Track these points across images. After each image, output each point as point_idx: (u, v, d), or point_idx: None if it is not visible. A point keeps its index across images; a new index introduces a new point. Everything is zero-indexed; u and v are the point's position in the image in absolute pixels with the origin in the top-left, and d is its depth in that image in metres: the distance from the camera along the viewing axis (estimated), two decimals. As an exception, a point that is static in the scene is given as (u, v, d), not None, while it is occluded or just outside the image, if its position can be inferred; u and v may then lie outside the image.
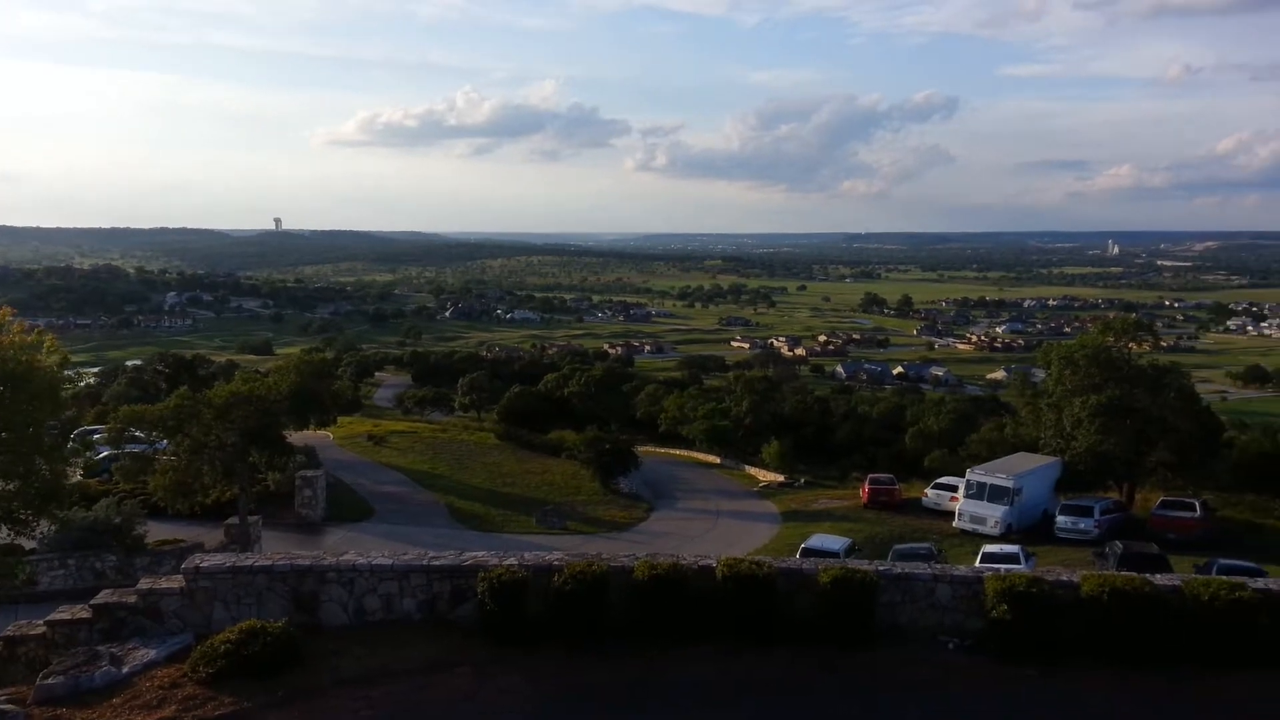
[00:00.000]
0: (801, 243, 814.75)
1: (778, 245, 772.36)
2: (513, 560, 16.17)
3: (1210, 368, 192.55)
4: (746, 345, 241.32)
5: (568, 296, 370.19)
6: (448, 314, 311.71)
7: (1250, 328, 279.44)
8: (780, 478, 58.27)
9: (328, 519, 39.86)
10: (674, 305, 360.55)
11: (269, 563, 16.05)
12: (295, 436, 45.85)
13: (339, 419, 58.57)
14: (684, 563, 16.03)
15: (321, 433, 54.04)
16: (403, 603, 15.96)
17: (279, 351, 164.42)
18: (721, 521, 45.97)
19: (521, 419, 73.23)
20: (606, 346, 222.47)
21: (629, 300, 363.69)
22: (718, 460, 66.76)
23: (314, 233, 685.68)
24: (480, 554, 16.76)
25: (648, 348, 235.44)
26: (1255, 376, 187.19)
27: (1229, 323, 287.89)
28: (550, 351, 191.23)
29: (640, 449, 59.60)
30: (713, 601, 15.52)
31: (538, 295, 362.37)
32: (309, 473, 40.37)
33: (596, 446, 52.06)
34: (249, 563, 16.08)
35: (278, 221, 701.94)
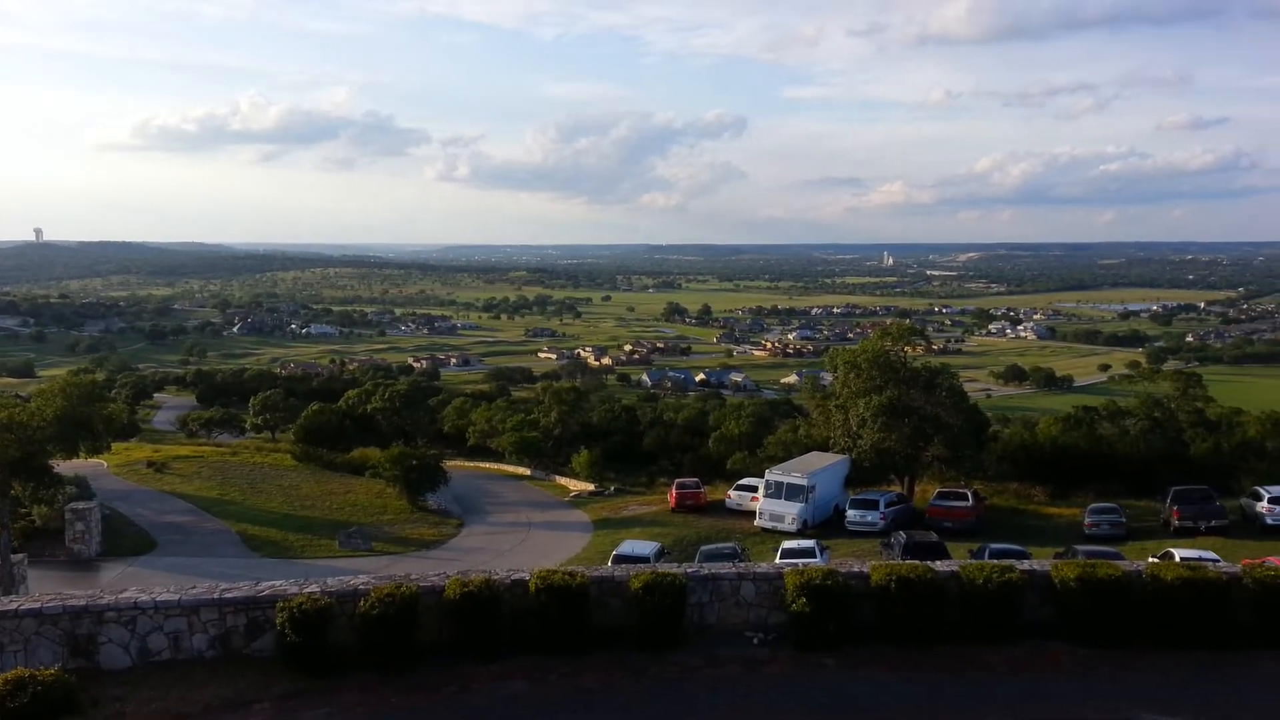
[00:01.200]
0: (605, 254, 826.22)
1: (581, 256, 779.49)
2: (314, 587, 15.51)
3: (976, 368, 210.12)
4: (554, 356, 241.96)
5: (368, 310, 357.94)
6: (236, 329, 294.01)
7: (1009, 331, 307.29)
8: (591, 486, 58.73)
9: (104, 554, 36.67)
10: (479, 317, 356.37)
11: (37, 605, 14.66)
12: (64, 466, 41.91)
13: (114, 445, 53.94)
14: (496, 578, 15.91)
15: (95, 461, 49.60)
16: (193, 640, 14.97)
17: (42, 374, 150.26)
18: (534, 533, 45.83)
19: (321, 438, 70.10)
20: (411, 360, 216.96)
21: (433, 313, 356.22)
22: (528, 472, 66.49)
23: (80, 244, 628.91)
24: (278, 583, 15.99)
25: (454, 360, 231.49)
26: (1014, 375, 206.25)
27: (990, 327, 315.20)
28: (351, 367, 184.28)
29: (449, 464, 58.46)
30: (527, 615, 15.51)
31: (335, 309, 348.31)
32: (81, 505, 37.04)
33: (402, 463, 50.59)
34: (13, 606, 14.62)
35: (38, 232, 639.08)
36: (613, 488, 58.34)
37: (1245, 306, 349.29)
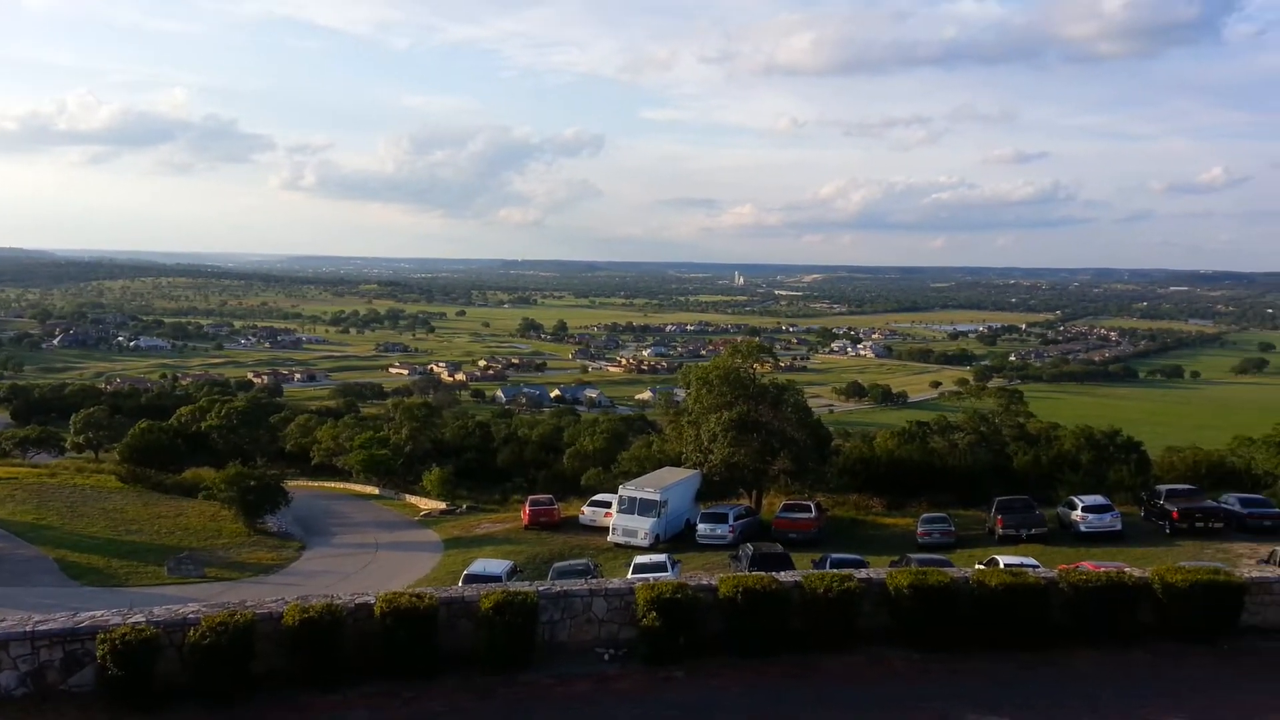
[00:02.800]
0: (460, 268, 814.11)
1: (436, 270, 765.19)
2: (139, 617, 14.57)
3: (820, 385, 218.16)
4: (405, 371, 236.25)
5: (204, 322, 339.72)
6: (56, 342, 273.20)
7: (850, 350, 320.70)
8: (442, 505, 57.59)
9: (-105, 588, 33.27)
10: (327, 331, 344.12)
11: None
12: None
13: (-90, 468, 49.17)
14: (339, 602, 15.37)
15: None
16: (1, 676, 13.78)
17: None
18: (381, 554, 44.51)
19: (150, 458, 65.91)
20: (251, 375, 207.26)
21: (276, 326, 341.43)
22: (376, 491, 64.61)
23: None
24: (99, 613, 14.94)
25: (298, 376, 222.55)
26: (854, 391, 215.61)
27: (833, 345, 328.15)
28: (185, 382, 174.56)
29: (291, 484, 56.06)
30: (372, 640, 15.04)
31: (168, 320, 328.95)
32: None
33: (239, 483, 48.15)
34: None
35: None
36: (465, 506, 57.41)
37: (1062, 328, 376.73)
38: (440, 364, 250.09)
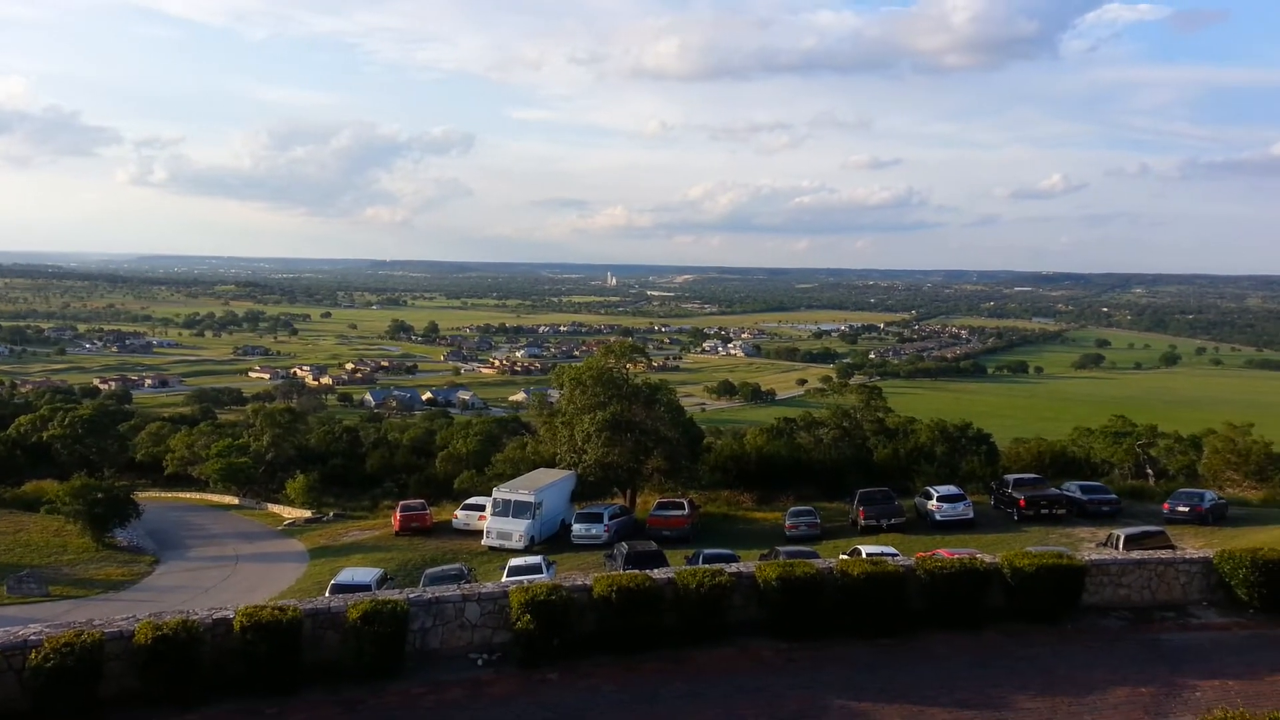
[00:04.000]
0: (325, 268, 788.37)
1: (299, 270, 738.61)
2: (-27, 642, 13.54)
3: (692, 384, 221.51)
4: (267, 375, 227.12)
5: (45, 325, 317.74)
6: None
7: (720, 349, 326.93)
8: (307, 513, 55.66)
9: None
10: (180, 334, 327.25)
11: None
12: None
13: None
14: (196, 618, 14.69)
15: None
16: None
17: None
18: (242, 567, 42.67)
19: (-17, 471, 61.27)
20: (97, 382, 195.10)
21: (124, 329, 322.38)
22: (236, 501, 61.88)
23: None
24: (-75, 641, 13.80)
25: (149, 382, 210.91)
26: (726, 390, 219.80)
27: (704, 345, 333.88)
28: (24, 389, 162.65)
29: (142, 495, 53.08)
30: (232, 656, 14.44)
31: (5, 324, 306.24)
32: None
33: (85, 496, 45.22)
34: None
35: None
36: (332, 513, 55.67)
37: (917, 327, 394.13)
38: (304, 367, 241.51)
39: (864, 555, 23.95)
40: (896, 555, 24.65)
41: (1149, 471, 56.18)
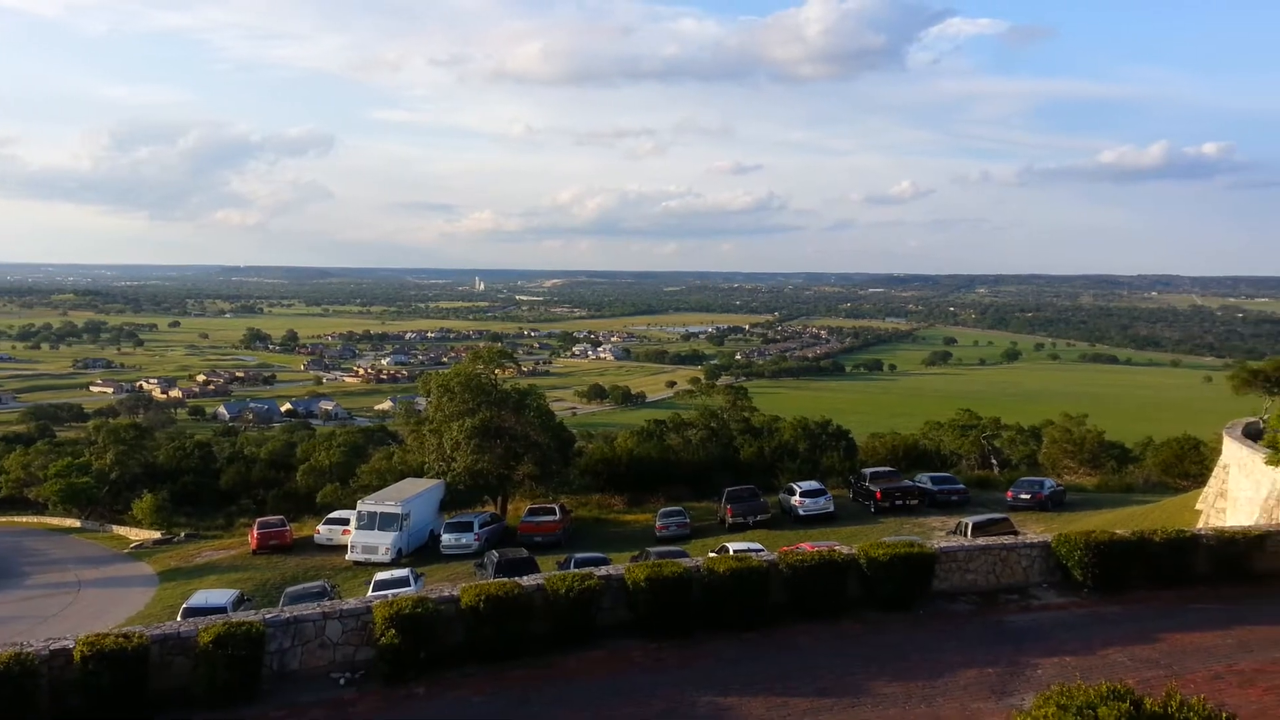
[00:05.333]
0: (172, 275, 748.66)
1: (144, 278, 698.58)
2: None
3: (562, 388, 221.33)
4: (110, 390, 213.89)
5: None
6: None
7: (590, 353, 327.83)
8: (157, 534, 52.79)
9: None
10: (14, 347, 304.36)
11: None
12: None
13: None
14: (31, 650, 13.73)
15: None
16: None
17: None
18: (85, 594, 40.13)
19: None
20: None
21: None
22: (77, 523, 58.10)
23: None
24: None
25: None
26: (596, 393, 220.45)
27: (574, 349, 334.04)
28: None
29: (-32, 522, 49.25)
30: (72, 689, 13.56)
31: None
32: None
33: (-98, 527, 41.68)
34: None
35: None
36: (184, 534, 53.01)
37: (780, 328, 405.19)
38: (151, 380, 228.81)
39: (731, 552, 24.45)
40: (762, 551, 25.33)
41: (994, 462, 59.54)
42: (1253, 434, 33.88)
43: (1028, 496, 42.69)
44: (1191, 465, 49.42)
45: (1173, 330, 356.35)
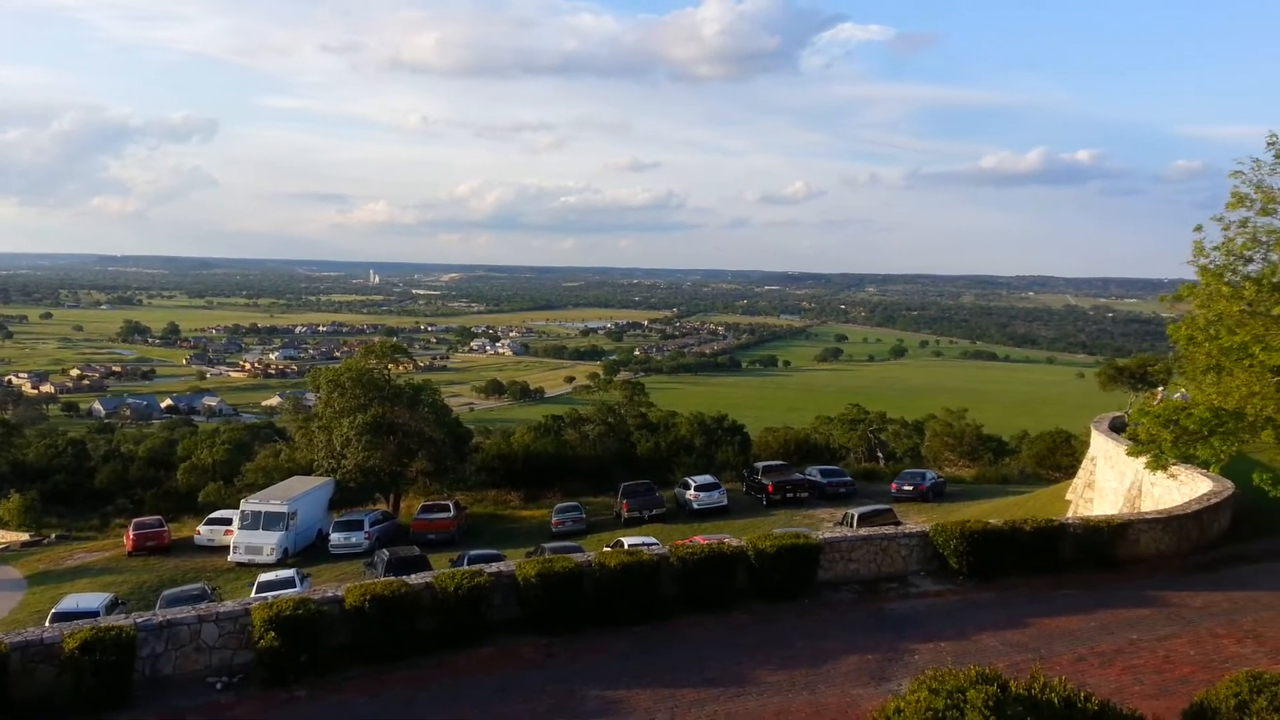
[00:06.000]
0: (44, 264, 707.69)
1: (13, 266, 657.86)
2: None
3: (460, 383, 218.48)
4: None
5: None
6: None
7: (489, 348, 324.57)
8: (24, 536, 49.91)
9: None
10: None
11: None
12: None
13: None
14: (-128, 664, 12.85)
15: None
16: None
17: None
18: (-60, 602, 37.64)
19: None
20: None
21: None
22: (-67, 527, 54.47)
23: None
24: None
25: None
26: (494, 389, 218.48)
27: (472, 344, 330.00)
28: None
29: None
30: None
31: None
32: None
33: None
34: None
35: None
36: (54, 535, 50.26)
37: (678, 324, 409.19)
38: (21, 374, 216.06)
39: (625, 547, 24.62)
40: (655, 545, 25.58)
41: (880, 455, 61.52)
42: (1118, 427, 35.93)
43: (910, 488, 44.26)
44: (1063, 457, 52.06)
45: (1048, 329, 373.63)
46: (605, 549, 25.50)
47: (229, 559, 38.99)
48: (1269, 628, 17.32)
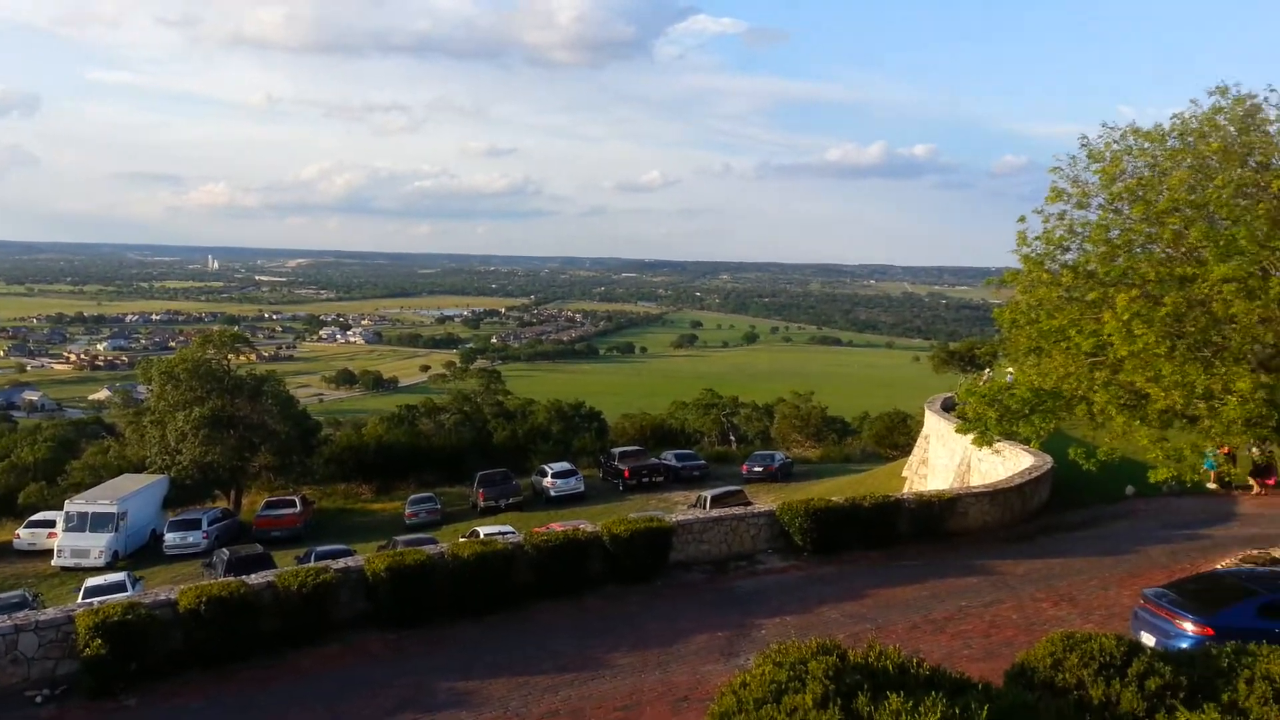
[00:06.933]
0: None
1: None
2: None
3: (309, 374, 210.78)
4: None
5: None
6: None
7: (339, 336, 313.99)
8: None
9: None
10: None
11: None
12: None
13: None
14: None
15: None
16: None
17: None
18: None
19: None
20: None
21: None
22: None
23: None
24: None
25: None
26: (345, 379, 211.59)
27: (321, 332, 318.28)
28: None
29: None
30: None
31: None
32: None
33: None
34: None
35: None
36: None
37: (536, 311, 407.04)
38: None
39: (480, 536, 24.35)
40: (512, 533, 25.47)
41: (732, 438, 63.16)
42: (949, 407, 38.08)
43: (760, 469, 45.66)
44: (900, 436, 54.78)
45: (888, 315, 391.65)
46: (460, 539, 25.21)
47: (53, 563, 36.39)
48: (1081, 591, 18.77)
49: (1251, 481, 27.83)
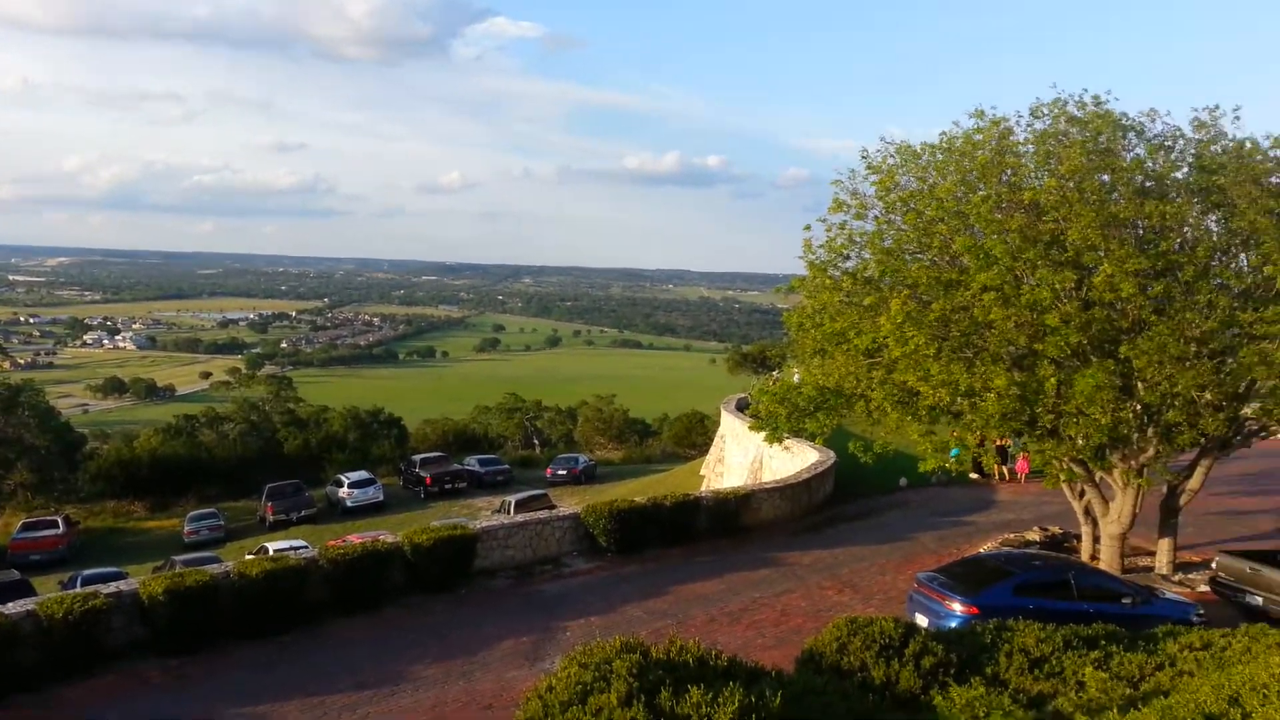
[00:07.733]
0: None
1: None
2: None
3: (71, 382, 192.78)
4: None
5: None
6: None
7: (106, 341, 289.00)
8: None
9: None
10: None
11: None
12: None
13: None
14: None
15: None
16: None
17: None
18: None
19: None
20: None
21: None
22: None
23: None
24: None
25: None
26: (114, 388, 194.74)
27: (86, 337, 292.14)
28: None
29: None
30: None
31: None
32: None
33: None
34: None
35: None
36: None
37: (330, 315, 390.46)
38: None
39: (270, 552, 23.11)
40: (305, 548, 24.29)
41: (536, 441, 63.16)
42: (743, 407, 39.70)
43: (564, 472, 45.88)
44: (698, 436, 56.64)
45: (686, 318, 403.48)
46: (247, 556, 23.82)
47: None
48: (862, 577, 20.10)
49: (1003, 470, 30.78)
